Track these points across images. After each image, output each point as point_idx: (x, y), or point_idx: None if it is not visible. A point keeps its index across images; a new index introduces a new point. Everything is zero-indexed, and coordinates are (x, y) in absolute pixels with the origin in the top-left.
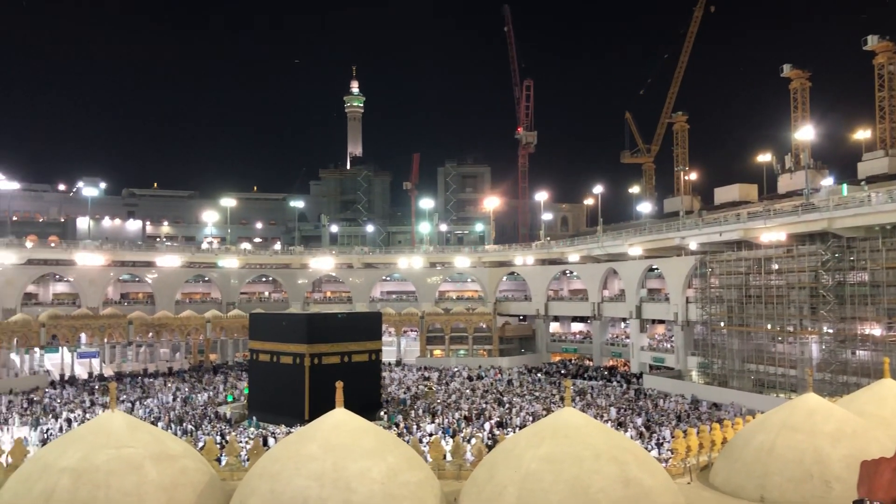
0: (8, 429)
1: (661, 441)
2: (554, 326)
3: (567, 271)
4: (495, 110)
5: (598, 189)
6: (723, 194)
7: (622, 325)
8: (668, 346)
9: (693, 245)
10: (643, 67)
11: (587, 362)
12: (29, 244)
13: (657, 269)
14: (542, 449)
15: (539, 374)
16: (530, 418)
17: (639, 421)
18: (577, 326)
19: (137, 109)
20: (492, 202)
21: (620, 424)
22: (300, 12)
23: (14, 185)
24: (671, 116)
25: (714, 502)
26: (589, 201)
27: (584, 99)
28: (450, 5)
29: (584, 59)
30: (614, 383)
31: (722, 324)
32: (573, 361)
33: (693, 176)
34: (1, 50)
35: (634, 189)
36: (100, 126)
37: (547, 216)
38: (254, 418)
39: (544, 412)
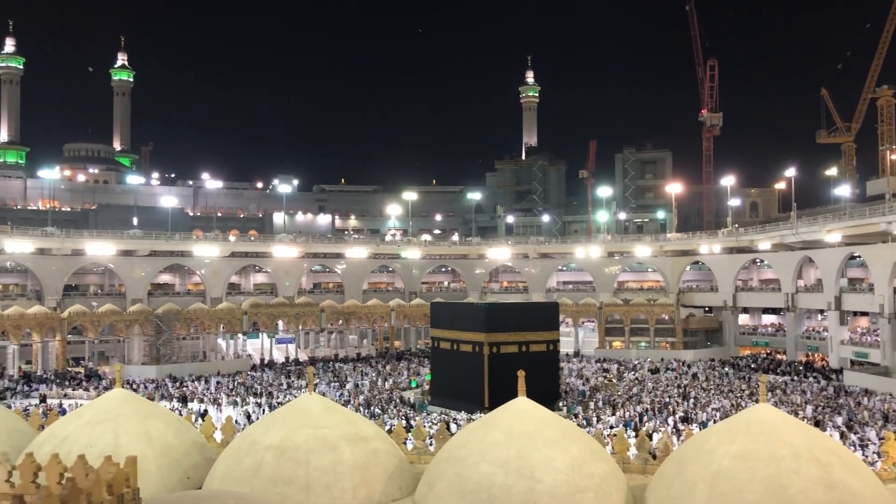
0: (219, 408)
1: (865, 442)
2: (743, 318)
3: (757, 260)
4: (676, 93)
5: (791, 172)
6: None
7: (819, 317)
8: (873, 339)
9: None
10: (841, 39)
11: (780, 356)
12: (232, 238)
13: (859, 256)
14: (735, 446)
15: (727, 368)
16: (717, 414)
17: (839, 420)
18: (768, 318)
19: (325, 109)
20: (674, 188)
21: (817, 423)
22: (477, 2)
23: (218, 184)
24: (875, 91)
25: None
26: (780, 185)
27: (773, 76)
28: None
29: (773, 33)
30: (810, 379)
31: None
32: (767, 356)
33: None
34: (206, 58)
35: (832, 171)
36: (292, 126)
37: (734, 202)
38: (425, 402)
39: (732, 408)
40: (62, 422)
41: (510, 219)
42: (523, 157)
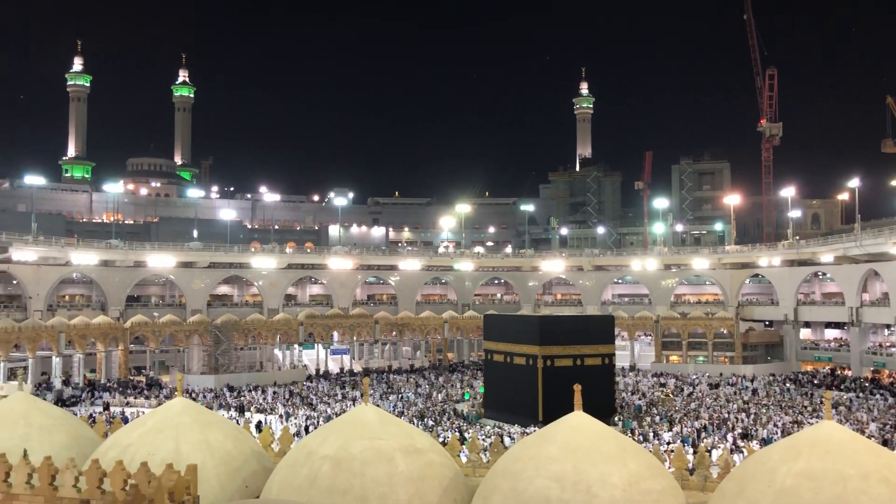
0: (282, 418)
1: None
2: (805, 333)
3: (819, 273)
4: (734, 102)
5: (855, 182)
6: None
7: (886, 331)
8: None
9: None
10: None
11: (844, 372)
12: (289, 250)
13: None
14: (798, 464)
15: (788, 384)
16: (777, 431)
17: None
18: (831, 333)
19: (379, 123)
20: (732, 200)
21: (885, 442)
22: (529, 12)
23: (275, 198)
24: None
25: None
26: (843, 196)
27: (834, 85)
28: None
29: (834, 40)
30: (877, 396)
31: None
32: (831, 371)
33: None
34: (264, 74)
35: None
36: (347, 140)
37: (795, 213)
38: (478, 415)
39: (794, 425)
40: (126, 429)
41: (564, 231)
42: (577, 169)
